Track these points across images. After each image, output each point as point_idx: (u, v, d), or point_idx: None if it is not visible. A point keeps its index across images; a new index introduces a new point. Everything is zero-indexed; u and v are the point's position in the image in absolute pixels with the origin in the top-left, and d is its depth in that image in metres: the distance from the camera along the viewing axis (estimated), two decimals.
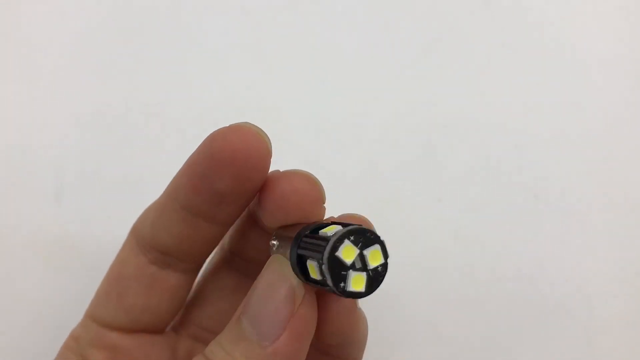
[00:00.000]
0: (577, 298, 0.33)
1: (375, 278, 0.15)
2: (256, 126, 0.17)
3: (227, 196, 0.18)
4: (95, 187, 0.34)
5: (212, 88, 0.36)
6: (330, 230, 0.16)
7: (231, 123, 0.17)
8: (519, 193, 0.35)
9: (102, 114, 0.36)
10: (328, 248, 0.15)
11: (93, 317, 0.22)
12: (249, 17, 0.37)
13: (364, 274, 0.15)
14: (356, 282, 0.15)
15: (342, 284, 0.15)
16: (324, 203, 0.18)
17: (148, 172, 0.35)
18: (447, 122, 0.36)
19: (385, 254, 0.16)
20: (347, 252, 0.15)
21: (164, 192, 0.20)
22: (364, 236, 0.15)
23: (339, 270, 0.15)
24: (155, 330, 0.21)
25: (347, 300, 0.18)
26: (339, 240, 0.15)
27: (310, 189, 0.17)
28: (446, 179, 0.35)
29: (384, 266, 0.16)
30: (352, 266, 0.15)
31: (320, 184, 0.18)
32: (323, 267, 0.15)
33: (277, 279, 0.17)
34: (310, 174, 0.18)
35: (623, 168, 0.35)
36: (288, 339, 0.16)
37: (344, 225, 0.16)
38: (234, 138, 0.17)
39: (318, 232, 0.16)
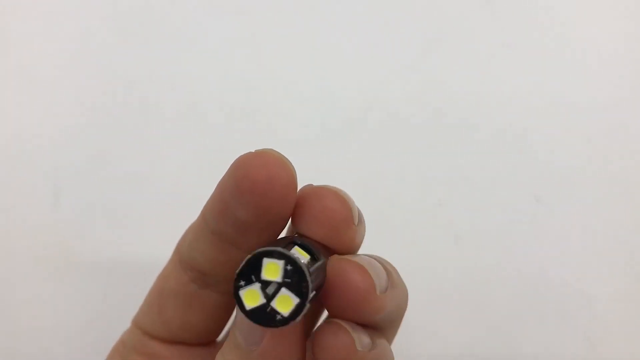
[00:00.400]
0: (578, 301, 0.33)
1: (265, 317, 0.14)
2: (281, 154, 0.17)
3: (251, 225, 0.17)
4: (93, 191, 0.34)
5: (210, 85, 0.36)
6: (299, 254, 0.15)
7: (257, 149, 0.17)
8: (519, 195, 0.35)
9: (99, 118, 0.35)
10: (264, 249, 0.14)
11: (137, 324, 0.22)
12: (250, 18, 0.37)
13: (264, 301, 0.14)
14: (250, 296, 0.14)
15: (241, 283, 0.14)
16: (354, 223, 0.17)
17: (146, 176, 0.35)
18: (446, 124, 0.36)
19: (293, 315, 0.14)
20: (271, 269, 0.14)
21: (200, 212, 0.20)
22: (300, 280, 0.14)
23: (252, 272, 0.14)
24: (196, 343, 0.22)
25: (342, 340, 0.16)
26: (278, 255, 0.14)
27: (340, 207, 0.17)
28: (446, 181, 0.35)
29: (282, 321, 0.14)
30: (263, 283, 0.14)
31: (352, 203, 0.17)
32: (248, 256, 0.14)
33: None
34: (341, 191, 0.17)
35: (625, 170, 0.35)
36: (271, 341, 0.16)
37: (318, 266, 0.15)
38: (257, 166, 0.16)
39: (301, 247, 0.16)
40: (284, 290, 0.14)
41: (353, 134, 0.36)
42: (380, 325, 0.18)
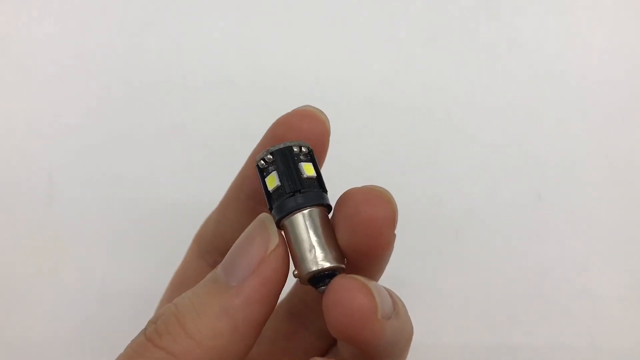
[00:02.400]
0: (581, 298, 0.33)
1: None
2: (317, 108, 0.19)
3: None
4: (87, 187, 0.34)
5: (207, 81, 0.36)
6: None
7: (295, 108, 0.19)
8: (522, 192, 0.34)
9: (94, 114, 0.35)
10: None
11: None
12: (252, 14, 0.37)
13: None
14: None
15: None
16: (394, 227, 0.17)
17: (140, 172, 0.34)
18: (447, 120, 0.35)
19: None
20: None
21: (229, 187, 0.22)
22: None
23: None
24: None
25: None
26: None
27: (385, 213, 0.17)
28: (447, 177, 0.34)
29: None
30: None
31: (395, 205, 0.18)
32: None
33: (256, 231, 0.17)
34: (386, 192, 0.18)
35: (627, 167, 0.35)
36: (254, 281, 0.16)
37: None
38: (297, 123, 0.18)
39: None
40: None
41: (354, 129, 0.35)
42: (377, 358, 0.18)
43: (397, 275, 0.33)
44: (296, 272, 0.17)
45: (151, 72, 0.36)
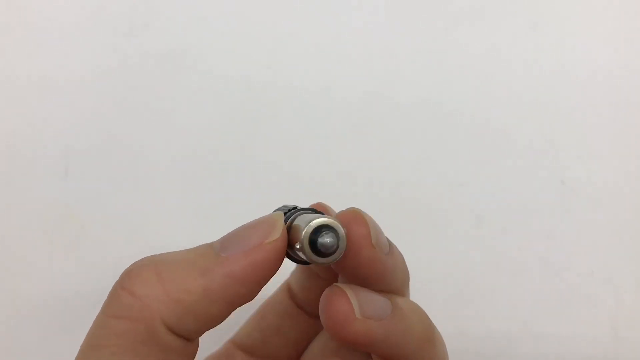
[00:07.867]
0: (604, 288, 0.33)
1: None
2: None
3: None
4: (102, 163, 0.34)
5: (226, 65, 0.35)
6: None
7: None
8: (545, 179, 0.34)
9: (110, 91, 0.35)
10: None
11: (234, 339, 0.25)
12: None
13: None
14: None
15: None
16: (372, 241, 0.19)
17: (155, 148, 0.34)
18: (469, 106, 0.35)
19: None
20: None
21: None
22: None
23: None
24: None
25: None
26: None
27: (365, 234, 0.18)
28: (469, 162, 0.34)
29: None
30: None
31: (368, 223, 0.19)
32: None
33: (264, 222, 0.18)
34: (358, 212, 0.19)
35: None
36: (242, 260, 0.17)
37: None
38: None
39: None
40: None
41: (375, 115, 0.35)
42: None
43: (418, 261, 0.32)
44: (298, 246, 0.17)
45: (169, 45, 0.36)
